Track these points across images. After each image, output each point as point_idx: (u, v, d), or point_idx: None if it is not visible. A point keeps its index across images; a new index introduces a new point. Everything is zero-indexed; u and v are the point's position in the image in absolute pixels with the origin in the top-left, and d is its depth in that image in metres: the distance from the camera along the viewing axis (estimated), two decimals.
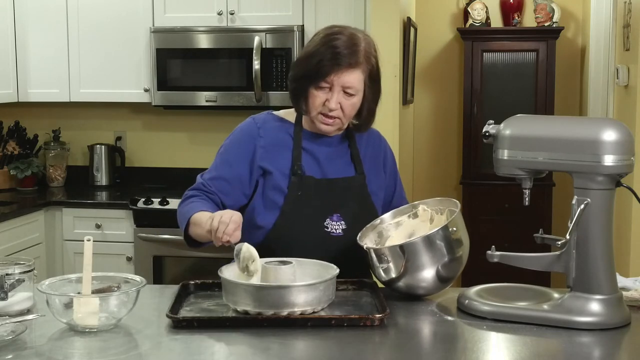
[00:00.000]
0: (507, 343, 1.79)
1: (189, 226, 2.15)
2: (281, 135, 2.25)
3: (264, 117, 2.30)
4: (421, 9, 5.47)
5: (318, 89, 2.15)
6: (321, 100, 2.16)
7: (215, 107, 4.31)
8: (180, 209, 2.22)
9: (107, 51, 4.39)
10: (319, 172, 2.23)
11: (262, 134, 2.25)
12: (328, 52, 2.13)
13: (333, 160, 2.26)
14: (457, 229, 2.01)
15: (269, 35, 4.15)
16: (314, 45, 2.17)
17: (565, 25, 5.39)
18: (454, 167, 5.72)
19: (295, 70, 2.22)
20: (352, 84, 2.15)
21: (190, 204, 2.21)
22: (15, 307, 1.89)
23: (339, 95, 2.15)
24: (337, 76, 2.13)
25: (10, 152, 4.56)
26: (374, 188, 2.29)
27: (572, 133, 1.86)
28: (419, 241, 1.98)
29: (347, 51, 2.13)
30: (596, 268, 1.86)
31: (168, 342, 1.77)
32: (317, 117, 2.19)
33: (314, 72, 2.14)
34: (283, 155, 2.22)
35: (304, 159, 2.22)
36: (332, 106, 2.15)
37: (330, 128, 2.20)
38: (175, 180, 4.64)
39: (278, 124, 2.27)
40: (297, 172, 2.19)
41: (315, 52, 2.15)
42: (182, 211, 2.21)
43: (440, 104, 5.71)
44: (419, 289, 2.04)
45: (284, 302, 1.84)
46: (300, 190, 2.18)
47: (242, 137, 2.27)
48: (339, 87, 2.14)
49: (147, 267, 4.04)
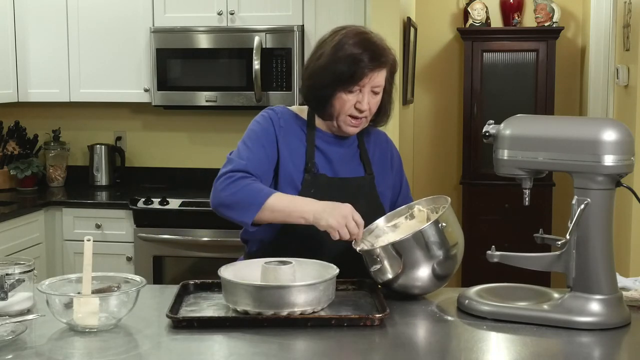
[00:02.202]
0: (507, 343, 1.79)
1: (263, 210, 2.06)
2: (297, 130, 2.25)
3: (281, 110, 2.28)
4: (421, 9, 5.47)
5: (348, 92, 2.14)
6: (351, 103, 2.15)
7: (215, 107, 4.31)
8: (240, 189, 2.08)
9: (107, 51, 4.39)
10: (331, 171, 2.24)
11: (282, 124, 2.24)
12: (356, 56, 2.11)
13: (344, 160, 2.26)
14: (448, 223, 2.00)
15: (269, 35, 4.15)
16: (334, 51, 2.13)
17: (565, 25, 5.39)
18: (454, 167, 5.72)
19: (317, 78, 2.17)
20: (380, 83, 2.16)
21: (249, 185, 2.09)
22: (15, 307, 1.89)
23: (368, 95, 2.15)
24: (370, 78, 2.13)
25: (10, 152, 4.56)
26: (382, 188, 2.30)
27: (572, 133, 1.86)
28: (410, 238, 1.98)
29: (374, 51, 2.12)
30: (596, 268, 1.86)
31: (168, 342, 1.77)
32: (345, 120, 2.18)
33: (346, 77, 2.12)
34: (298, 149, 2.22)
35: (316, 157, 2.23)
36: (364, 107, 2.15)
37: (357, 129, 2.21)
38: (175, 180, 4.65)
39: (293, 119, 2.27)
40: (310, 169, 2.20)
41: (341, 58, 2.11)
42: (244, 192, 2.07)
43: (440, 104, 5.71)
44: (415, 288, 2.04)
45: (284, 302, 1.84)
46: (314, 188, 2.19)
47: (267, 123, 2.23)
48: (369, 88, 2.14)
49: (147, 267, 4.04)
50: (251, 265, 2.04)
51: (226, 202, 2.10)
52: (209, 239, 3.99)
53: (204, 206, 4.00)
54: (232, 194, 2.09)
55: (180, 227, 4.03)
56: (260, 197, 2.07)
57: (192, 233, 4.01)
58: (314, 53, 2.23)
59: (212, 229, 3.97)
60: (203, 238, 4.00)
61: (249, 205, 2.07)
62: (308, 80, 2.21)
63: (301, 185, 2.19)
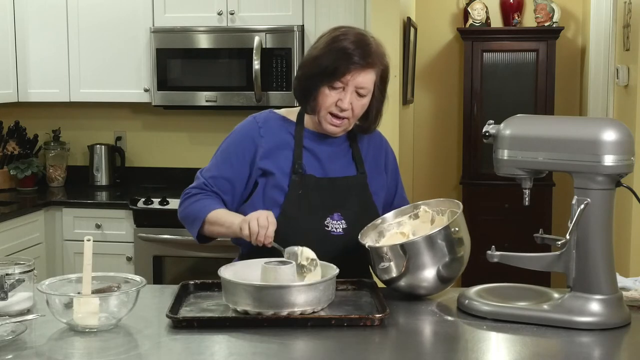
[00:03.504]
0: (507, 343, 1.79)
1: (204, 224, 2.17)
2: (282, 134, 2.25)
3: (265, 116, 2.29)
4: (421, 9, 5.47)
5: (331, 88, 2.14)
6: (333, 100, 2.15)
7: (215, 107, 4.31)
8: (189, 206, 2.23)
9: (107, 51, 4.39)
10: (320, 171, 2.23)
11: (263, 134, 2.24)
12: (347, 50, 2.11)
13: (334, 160, 2.26)
14: (459, 229, 2.01)
15: (269, 35, 4.15)
16: (328, 44, 2.15)
17: (565, 25, 5.39)
18: (454, 167, 5.72)
19: (306, 68, 2.19)
20: (365, 85, 2.15)
21: (198, 201, 2.21)
22: (15, 307, 1.89)
23: (352, 95, 2.15)
24: (353, 76, 2.12)
25: (10, 152, 4.56)
26: (375, 188, 2.29)
27: (572, 133, 1.86)
28: (421, 240, 1.98)
29: (365, 51, 2.13)
30: (596, 268, 1.86)
31: (168, 342, 1.77)
32: (325, 117, 2.18)
33: (330, 70, 2.12)
34: (284, 154, 2.22)
35: (305, 157, 2.22)
36: (345, 106, 2.15)
37: (338, 129, 2.20)
38: (175, 180, 4.64)
39: (279, 122, 2.27)
40: (298, 170, 2.19)
41: (332, 50, 2.13)
42: (192, 209, 2.22)
43: (440, 104, 5.71)
44: (420, 289, 2.04)
45: (284, 302, 1.84)
46: (301, 189, 2.18)
47: (243, 137, 2.26)
48: (352, 87, 2.14)
49: (147, 267, 4.04)
50: (251, 265, 2.04)
51: (180, 217, 2.27)
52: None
53: None
54: (183, 210, 2.26)
55: (180, 227, 3.97)
56: (202, 213, 2.18)
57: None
58: (310, 47, 2.25)
59: None
60: None
61: (193, 220, 2.21)
62: (298, 71, 2.24)
63: (288, 188, 2.19)
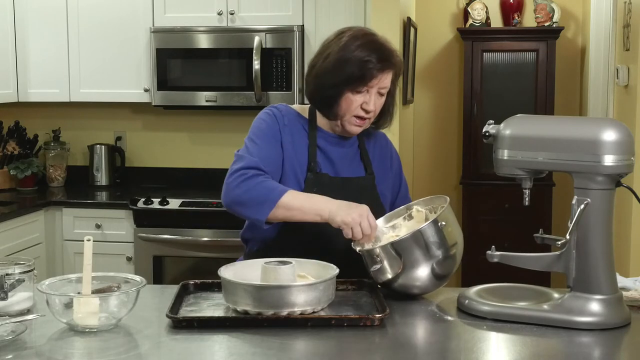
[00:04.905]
0: (507, 343, 1.79)
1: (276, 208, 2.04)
2: (299, 129, 2.25)
3: (284, 107, 2.28)
4: (421, 9, 5.47)
5: (356, 93, 2.15)
6: (358, 103, 2.16)
7: (215, 107, 4.31)
8: (253, 187, 2.06)
9: (107, 51, 4.39)
10: (332, 171, 2.24)
11: (287, 122, 2.24)
12: (368, 57, 2.11)
13: (345, 161, 2.27)
14: (447, 223, 2.00)
15: (269, 35, 4.15)
16: (344, 50, 2.14)
17: (565, 25, 5.39)
18: (454, 167, 5.72)
19: (327, 78, 2.16)
20: (387, 84, 2.18)
21: (264, 182, 2.07)
22: (15, 307, 1.89)
23: (375, 96, 2.16)
24: (379, 79, 2.14)
25: (10, 152, 4.56)
26: (382, 188, 2.30)
27: (572, 133, 1.86)
28: (409, 237, 1.98)
29: (385, 53, 2.14)
30: (596, 268, 1.86)
31: (168, 342, 1.77)
32: (350, 119, 2.19)
33: (356, 77, 2.12)
34: (301, 147, 2.23)
35: (318, 157, 2.23)
36: (371, 108, 2.16)
37: (360, 129, 2.22)
38: (175, 180, 4.65)
39: (295, 117, 2.27)
40: (313, 168, 2.20)
41: (353, 59, 2.12)
42: (259, 189, 2.06)
43: (440, 104, 5.71)
44: (414, 288, 2.03)
45: (284, 302, 1.84)
46: (316, 187, 2.19)
47: (271, 121, 2.22)
48: (376, 89, 2.16)
49: (147, 267, 4.04)
50: (251, 265, 2.04)
51: (240, 199, 2.08)
52: (209, 239, 3.99)
53: (204, 206, 4.00)
54: (246, 192, 2.07)
55: (180, 227, 4.03)
56: (274, 195, 2.06)
57: (192, 233, 4.01)
58: (319, 54, 2.23)
59: (212, 229, 3.98)
60: (203, 238, 4.00)
61: (262, 203, 2.05)
62: (315, 80, 2.21)
63: (304, 184, 2.19)
